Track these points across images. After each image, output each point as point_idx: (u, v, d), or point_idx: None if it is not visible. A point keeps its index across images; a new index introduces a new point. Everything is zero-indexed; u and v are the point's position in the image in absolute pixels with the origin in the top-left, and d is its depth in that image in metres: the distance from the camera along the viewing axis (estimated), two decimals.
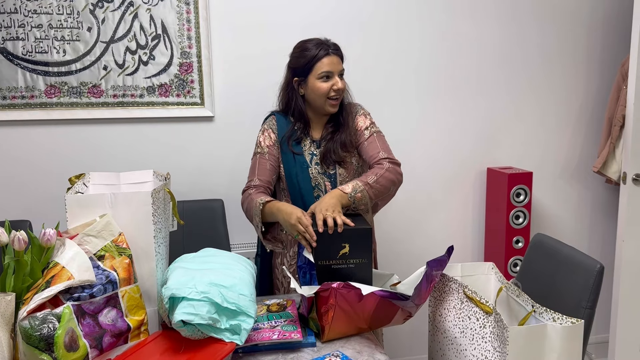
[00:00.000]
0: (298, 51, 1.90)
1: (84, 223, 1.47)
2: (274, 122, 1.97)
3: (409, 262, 2.71)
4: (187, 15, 2.40)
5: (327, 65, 1.84)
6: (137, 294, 1.42)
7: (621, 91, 2.67)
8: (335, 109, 1.91)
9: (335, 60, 1.86)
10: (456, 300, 1.51)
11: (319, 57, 1.84)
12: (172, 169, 2.28)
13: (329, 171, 1.91)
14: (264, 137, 1.96)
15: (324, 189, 1.90)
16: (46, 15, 2.29)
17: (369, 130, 1.93)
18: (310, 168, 1.91)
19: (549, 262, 1.82)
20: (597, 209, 3.03)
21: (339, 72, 1.87)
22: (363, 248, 1.60)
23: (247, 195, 1.89)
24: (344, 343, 1.53)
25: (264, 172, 1.91)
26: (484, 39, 2.74)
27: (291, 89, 1.93)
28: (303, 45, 1.89)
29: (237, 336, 1.39)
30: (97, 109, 2.39)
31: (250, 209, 1.83)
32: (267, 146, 1.94)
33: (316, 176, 1.91)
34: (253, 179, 1.91)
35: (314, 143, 1.95)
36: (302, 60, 1.87)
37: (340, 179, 1.91)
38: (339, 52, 1.89)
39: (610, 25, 2.86)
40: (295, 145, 1.93)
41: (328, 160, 1.90)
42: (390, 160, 1.85)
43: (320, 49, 1.84)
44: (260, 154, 1.94)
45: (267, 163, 1.92)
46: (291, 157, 1.92)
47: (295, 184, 1.90)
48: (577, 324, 1.28)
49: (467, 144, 2.81)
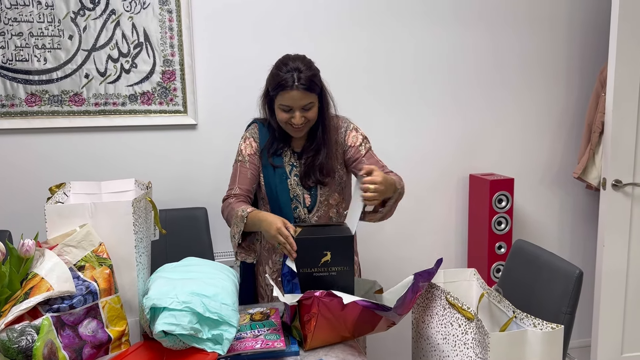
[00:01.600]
0: (274, 69, 1.82)
1: (64, 233, 1.46)
2: (255, 131, 1.95)
3: (392, 269, 2.72)
4: (170, 24, 2.39)
5: (287, 100, 1.76)
6: (117, 305, 1.41)
7: (600, 98, 2.72)
8: (299, 134, 1.85)
9: (297, 95, 1.75)
10: (439, 307, 1.52)
11: (282, 88, 1.75)
12: (155, 178, 2.27)
13: (309, 186, 1.90)
14: (245, 146, 1.93)
15: (302, 201, 1.90)
16: (27, 24, 2.27)
17: (364, 147, 1.91)
18: (289, 179, 1.90)
19: (529, 268, 1.84)
20: (577, 215, 3.07)
21: (301, 107, 1.77)
22: (345, 256, 1.60)
23: (227, 204, 1.87)
24: (327, 351, 1.53)
25: (245, 181, 1.90)
26: (465, 47, 2.77)
27: (266, 100, 1.89)
28: (279, 65, 1.81)
29: (219, 346, 1.38)
30: (78, 117, 2.37)
31: (231, 217, 1.81)
32: (248, 154, 1.92)
33: (295, 188, 1.90)
34: (233, 188, 1.90)
35: (294, 154, 1.92)
36: (271, 82, 1.81)
37: (321, 192, 1.91)
38: (308, 85, 1.75)
39: (589, 33, 2.90)
40: (275, 158, 1.90)
41: (309, 180, 1.88)
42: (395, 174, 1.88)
43: (288, 78, 1.74)
44: (241, 162, 1.92)
45: (248, 172, 1.90)
46: (271, 170, 1.90)
47: (274, 195, 1.89)
48: (557, 330, 1.30)
49: (449, 151, 2.84)
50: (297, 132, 1.84)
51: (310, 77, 1.77)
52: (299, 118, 1.78)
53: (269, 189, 1.90)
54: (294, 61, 1.79)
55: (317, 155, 1.87)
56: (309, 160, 1.88)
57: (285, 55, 1.84)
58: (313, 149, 1.89)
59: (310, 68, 1.79)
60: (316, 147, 1.88)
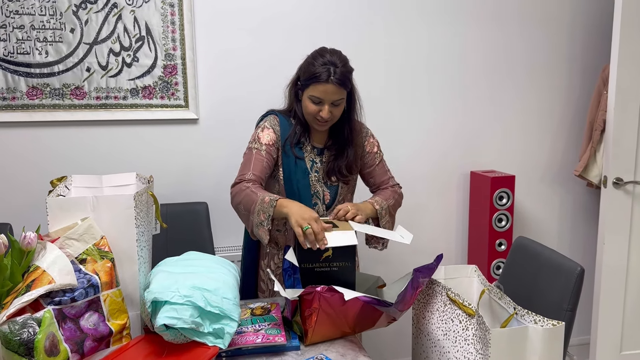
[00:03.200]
0: (309, 59, 1.81)
1: (66, 226, 1.46)
2: (276, 122, 1.89)
3: (393, 265, 2.72)
4: (172, 17, 2.39)
5: (320, 92, 1.75)
6: (119, 298, 1.41)
7: (602, 96, 2.71)
8: (322, 128, 1.85)
9: (331, 89, 1.74)
10: (439, 303, 1.52)
11: (316, 80, 1.74)
12: (156, 172, 2.27)
13: (331, 183, 1.91)
14: (264, 134, 1.86)
15: (322, 198, 1.90)
16: (28, 16, 2.26)
17: (378, 155, 1.99)
18: (310, 175, 1.89)
19: (530, 265, 1.84)
20: (578, 212, 3.07)
21: (331, 101, 1.77)
22: (346, 251, 1.60)
23: (243, 187, 1.75)
24: (328, 346, 1.53)
25: (259, 169, 1.81)
26: (467, 44, 2.76)
27: (294, 90, 1.89)
28: (315, 56, 1.80)
29: (220, 340, 1.38)
30: (79, 110, 2.36)
31: (252, 204, 1.71)
32: (265, 143, 1.85)
33: (315, 184, 1.89)
34: (247, 173, 1.80)
35: (314, 150, 1.91)
36: (305, 72, 1.80)
37: (341, 190, 1.93)
38: (342, 81, 1.75)
39: (592, 31, 2.90)
40: (297, 150, 1.88)
41: (332, 177, 1.91)
42: (399, 186, 2.00)
43: (323, 72, 1.74)
44: (257, 150, 1.84)
45: (264, 160, 1.83)
46: (293, 161, 1.87)
47: (295, 190, 1.86)
48: (558, 326, 1.30)
49: (451, 148, 2.84)
50: (321, 126, 1.84)
51: (345, 74, 1.77)
52: (327, 112, 1.78)
53: (289, 183, 1.87)
54: (331, 55, 1.79)
55: (344, 153, 1.90)
56: (333, 157, 1.90)
57: (322, 48, 1.84)
58: (338, 147, 1.90)
59: (346, 65, 1.79)
60: (343, 145, 1.90)
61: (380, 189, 1.98)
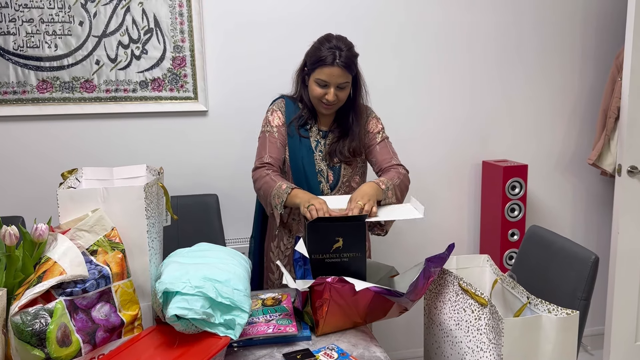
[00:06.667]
0: (315, 44, 1.87)
1: (76, 218, 1.46)
2: (282, 105, 1.98)
3: (404, 255, 2.71)
4: (180, 9, 2.38)
5: (326, 75, 1.81)
6: (130, 289, 1.41)
7: (616, 83, 2.67)
8: (328, 112, 1.91)
9: (337, 72, 1.80)
10: (451, 293, 1.51)
11: (322, 63, 1.80)
12: (166, 164, 2.27)
13: (333, 164, 1.95)
14: (273, 117, 1.96)
15: (326, 177, 1.94)
16: (37, 10, 2.26)
17: (380, 135, 1.98)
18: (314, 153, 1.94)
19: (543, 254, 1.82)
20: (592, 201, 3.03)
21: (337, 84, 1.82)
22: (357, 242, 1.59)
23: (263, 174, 1.87)
24: (339, 336, 1.53)
25: (274, 150, 1.91)
26: (479, 33, 2.73)
27: (302, 75, 1.95)
28: (322, 41, 1.86)
29: (231, 331, 1.38)
30: (89, 104, 2.37)
31: (270, 189, 1.81)
32: (276, 125, 1.94)
33: (320, 163, 1.94)
34: (264, 156, 1.90)
35: (320, 132, 1.96)
36: (311, 56, 1.85)
37: (344, 172, 1.95)
38: (347, 64, 1.81)
39: (605, 17, 2.85)
40: (302, 130, 1.94)
41: (334, 158, 1.94)
42: (404, 168, 1.95)
43: (329, 55, 1.79)
44: (270, 132, 1.94)
45: (277, 141, 1.92)
46: (297, 140, 1.93)
47: (300, 167, 1.92)
48: (572, 315, 1.28)
49: (462, 137, 2.81)
50: (327, 109, 1.89)
51: (350, 57, 1.83)
52: (333, 95, 1.83)
53: (295, 161, 1.92)
54: (337, 40, 1.84)
55: (346, 135, 1.93)
56: (336, 139, 1.94)
57: (328, 34, 1.90)
58: (341, 129, 1.94)
59: (351, 49, 1.85)
60: (346, 127, 1.94)
61: (383, 170, 1.95)
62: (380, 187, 1.79)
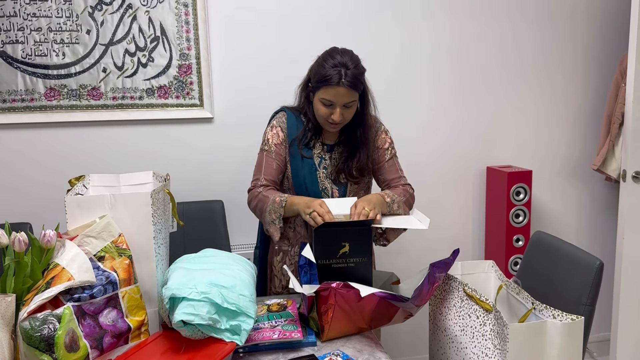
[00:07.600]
0: (319, 61, 1.79)
1: (84, 224, 1.48)
2: (284, 120, 1.91)
3: (409, 261, 2.72)
4: (186, 17, 2.40)
5: (331, 95, 1.73)
6: (137, 295, 1.43)
7: (620, 89, 2.67)
8: (334, 130, 1.85)
9: (342, 92, 1.72)
10: (456, 299, 1.52)
11: (328, 82, 1.71)
12: (172, 171, 2.28)
13: (340, 182, 1.90)
14: (272, 135, 1.90)
15: (331, 195, 1.89)
16: (45, 19, 2.29)
17: (389, 152, 1.94)
18: (318, 171, 1.89)
19: (548, 260, 1.82)
20: (596, 207, 3.03)
21: (343, 104, 1.75)
22: (363, 247, 1.60)
23: (256, 193, 1.85)
24: (344, 342, 1.53)
25: (270, 171, 1.87)
26: (483, 38, 2.74)
27: (306, 92, 1.87)
28: (326, 57, 1.77)
29: (237, 336, 1.39)
30: (96, 111, 2.39)
31: (263, 206, 1.80)
32: (274, 144, 1.88)
33: (324, 180, 1.89)
34: (259, 178, 1.87)
35: (324, 147, 1.91)
36: (315, 74, 1.78)
37: (350, 189, 1.91)
38: (354, 83, 1.72)
39: (609, 22, 2.86)
40: (305, 149, 1.88)
41: (341, 176, 1.89)
42: (410, 187, 1.93)
43: (334, 75, 1.70)
44: (267, 152, 1.89)
45: (274, 162, 1.88)
46: (299, 160, 1.87)
47: (302, 186, 1.87)
48: (577, 321, 1.28)
49: (467, 143, 2.82)
50: (333, 128, 1.83)
51: (357, 75, 1.74)
52: (339, 115, 1.76)
53: (297, 180, 1.88)
54: (342, 55, 1.75)
55: (355, 154, 1.88)
56: (344, 159, 1.88)
57: (332, 48, 1.81)
58: (349, 146, 1.89)
59: (357, 66, 1.76)
60: (355, 145, 1.88)
61: (390, 187, 1.93)
62: (385, 199, 1.77)
